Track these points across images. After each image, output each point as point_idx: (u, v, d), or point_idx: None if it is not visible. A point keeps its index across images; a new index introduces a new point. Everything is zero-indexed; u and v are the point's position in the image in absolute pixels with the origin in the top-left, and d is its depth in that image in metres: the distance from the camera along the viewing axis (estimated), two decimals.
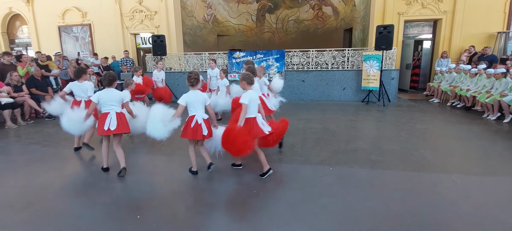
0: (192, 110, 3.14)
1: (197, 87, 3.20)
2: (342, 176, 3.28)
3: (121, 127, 3.29)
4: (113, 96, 3.33)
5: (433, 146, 4.30)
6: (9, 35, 12.89)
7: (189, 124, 3.11)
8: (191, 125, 3.10)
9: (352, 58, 8.38)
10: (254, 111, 3.17)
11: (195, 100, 3.12)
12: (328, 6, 13.03)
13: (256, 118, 3.17)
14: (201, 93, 3.21)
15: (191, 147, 3.28)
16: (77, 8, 11.35)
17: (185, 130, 3.14)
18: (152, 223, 2.41)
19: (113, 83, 3.37)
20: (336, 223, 2.39)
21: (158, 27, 10.81)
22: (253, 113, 3.16)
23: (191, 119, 3.12)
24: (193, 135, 3.10)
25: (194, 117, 3.12)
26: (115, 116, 3.28)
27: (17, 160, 4.11)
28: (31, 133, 5.40)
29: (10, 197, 2.94)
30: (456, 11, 8.93)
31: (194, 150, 3.30)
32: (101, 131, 3.25)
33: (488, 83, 6.42)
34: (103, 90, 3.35)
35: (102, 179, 3.41)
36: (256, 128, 3.13)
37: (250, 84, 3.19)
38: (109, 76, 3.35)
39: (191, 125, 3.10)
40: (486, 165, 3.58)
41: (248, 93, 3.12)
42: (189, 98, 3.11)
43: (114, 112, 3.29)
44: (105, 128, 3.22)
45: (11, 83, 6.22)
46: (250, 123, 3.13)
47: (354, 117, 6.34)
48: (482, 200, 2.71)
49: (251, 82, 3.20)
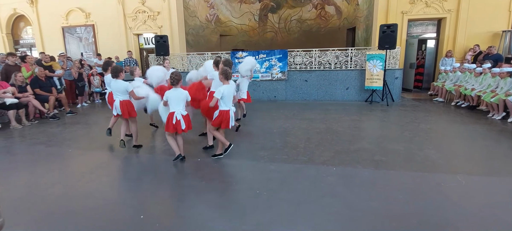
0: (172, 107, 3.52)
1: (178, 85, 3.53)
2: (345, 176, 3.26)
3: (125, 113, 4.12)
4: (119, 87, 4.04)
5: (437, 146, 4.27)
6: (14, 36, 13.00)
7: (171, 119, 3.51)
8: (172, 121, 3.50)
9: (355, 58, 8.34)
10: (228, 104, 3.59)
11: (174, 97, 3.49)
12: (331, 6, 12.98)
13: (229, 110, 3.59)
14: (181, 91, 3.55)
15: (170, 137, 3.69)
16: (81, 8, 11.42)
17: (167, 124, 3.57)
18: (156, 223, 2.42)
19: (119, 75, 4.02)
20: (339, 223, 2.38)
21: (161, 28, 10.84)
22: (227, 106, 3.58)
23: (171, 115, 3.51)
24: (174, 128, 3.54)
25: (174, 114, 3.50)
26: (119, 103, 4.09)
27: (21, 160, 4.14)
28: (35, 133, 5.44)
29: (15, 197, 2.96)
30: (461, 10, 8.86)
31: (173, 139, 3.72)
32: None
33: (493, 82, 6.35)
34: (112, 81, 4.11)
35: (105, 179, 3.42)
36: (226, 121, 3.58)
37: (226, 79, 3.56)
38: (114, 69, 4.04)
39: (172, 121, 3.50)
40: (491, 165, 3.54)
41: (222, 88, 3.48)
42: (170, 95, 3.50)
43: (118, 101, 4.09)
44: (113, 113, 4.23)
45: (16, 83, 6.27)
46: (222, 115, 3.56)
47: (357, 116, 6.31)
48: (487, 200, 2.68)
49: (227, 77, 3.56)
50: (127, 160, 4.05)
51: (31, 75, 6.87)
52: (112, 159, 4.10)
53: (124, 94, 4.08)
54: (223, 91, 3.47)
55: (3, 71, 6.62)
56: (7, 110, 5.84)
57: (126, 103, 4.12)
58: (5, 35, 12.59)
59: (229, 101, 3.58)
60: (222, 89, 3.46)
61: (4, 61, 7.12)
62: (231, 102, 3.63)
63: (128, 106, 4.14)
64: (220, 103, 3.55)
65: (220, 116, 3.58)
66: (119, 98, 4.09)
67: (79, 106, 8.18)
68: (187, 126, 3.59)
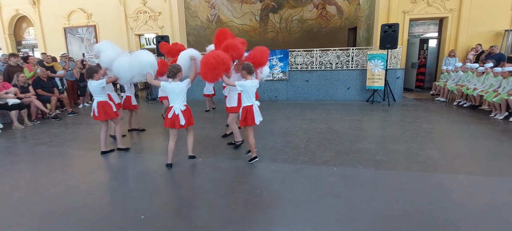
0: (171, 101, 3.39)
1: (177, 79, 3.37)
2: (346, 176, 3.25)
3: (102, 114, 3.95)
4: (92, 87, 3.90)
5: (439, 146, 4.25)
6: (16, 37, 13.07)
7: (168, 114, 3.38)
8: (169, 115, 3.35)
9: (356, 58, 8.32)
10: (251, 99, 3.43)
11: (172, 91, 3.34)
12: (332, 5, 12.96)
13: (253, 105, 3.43)
14: (180, 84, 3.37)
15: (172, 139, 3.51)
16: (82, 9, 11.46)
17: (165, 119, 3.43)
18: (156, 223, 2.42)
19: (94, 76, 3.87)
20: (340, 223, 2.37)
21: (162, 28, 10.87)
22: (250, 101, 3.43)
23: (169, 110, 3.38)
24: (172, 124, 3.37)
25: (173, 108, 3.36)
26: (96, 105, 3.90)
27: (23, 160, 4.16)
28: (37, 133, 5.46)
29: (17, 197, 2.97)
30: (463, 9, 8.83)
31: (174, 144, 3.54)
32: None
33: (496, 82, 6.32)
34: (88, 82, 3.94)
35: (107, 179, 3.43)
36: (250, 116, 3.40)
37: (249, 73, 3.41)
38: (89, 70, 3.91)
39: (169, 115, 3.35)
40: (493, 165, 3.52)
41: (245, 82, 3.36)
42: (168, 87, 3.34)
43: (96, 102, 3.91)
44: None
45: (18, 84, 6.30)
46: (246, 110, 3.40)
47: (358, 116, 6.30)
48: (489, 201, 2.67)
49: (250, 71, 3.42)
50: (128, 160, 4.06)
51: (33, 76, 6.90)
52: (113, 159, 4.10)
53: (101, 95, 3.93)
54: (246, 84, 3.34)
55: (6, 72, 6.66)
56: (9, 110, 5.87)
57: (103, 104, 3.93)
58: (8, 36, 12.65)
59: (252, 96, 3.43)
60: (245, 82, 3.35)
61: (6, 61, 7.16)
62: (254, 97, 3.47)
63: (105, 107, 3.95)
64: (243, 99, 3.44)
65: (244, 112, 3.42)
66: (96, 99, 3.93)
67: (81, 107, 8.21)
68: (187, 121, 3.41)
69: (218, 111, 7.06)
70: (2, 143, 4.91)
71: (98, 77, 3.90)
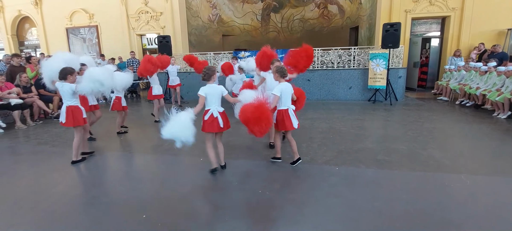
0: (208, 104, 3.22)
1: (212, 81, 3.22)
2: (348, 176, 3.24)
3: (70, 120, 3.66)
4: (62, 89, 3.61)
5: (442, 145, 4.22)
6: (19, 38, 13.15)
7: (204, 117, 3.21)
8: (205, 117, 3.19)
9: (358, 57, 8.30)
10: (287, 103, 3.37)
11: (211, 93, 3.18)
12: (333, 5, 12.94)
13: (288, 109, 3.38)
14: (217, 87, 3.24)
15: (209, 143, 3.31)
16: (84, 9, 11.50)
17: (203, 124, 3.20)
18: (158, 222, 2.42)
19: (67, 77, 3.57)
20: (342, 223, 2.36)
21: (164, 28, 10.89)
22: (286, 105, 3.37)
23: (206, 113, 3.22)
24: (210, 127, 3.19)
25: (210, 110, 3.20)
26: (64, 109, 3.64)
27: (26, 159, 4.18)
28: (40, 133, 5.48)
29: (19, 197, 2.98)
30: (465, 8, 8.77)
31: (212, 147, 3.32)
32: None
33: (499, 81, 6.28)
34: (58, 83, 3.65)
35: (109, 179, 3.44)
36: (287, 119, 3.35)
37: (283, 77, 3.38)
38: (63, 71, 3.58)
39: (205, 118, 3.19)
40: (496, 165, 3.50)
41: (280, 85, 3.32)
42: (207, 91, 3.17)
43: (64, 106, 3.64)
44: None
45: (21, 84, 6.34)
46: (282, 114, 3.36)
47: (360, 116, 6.28)
48: (492, 201, 2.65)
49: (284, 75, 3.38)
50: (129, 159, 4.07)
51: (35, 76, 6.93)
52: (114, 159, 4.12)
53: (71, 99, 3.62)
54: (281, 88, 3.30)
55: (8, 72, 6.70)
56: (12, 110, 5.90)
57: (72, 109, 3.63)
58: (10, 36, 12.73)
59: (287, 100, 3.38)
60: (280, 87, 3.31)
61: (9, 62, 7.20)
62: (289, 101, 3.41)
63: (75, 112, 3.64)
64: (278, 103, 3.37)
65: (279, 116, 3.38)
66: (66, 103, 3.61)
67: None
68: (225, 124, 3.27)
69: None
70: (5, 143, 4.94)
71: (73, 80, 3.60)
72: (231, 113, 3.64)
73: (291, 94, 3.41)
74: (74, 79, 3.63)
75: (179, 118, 2.91)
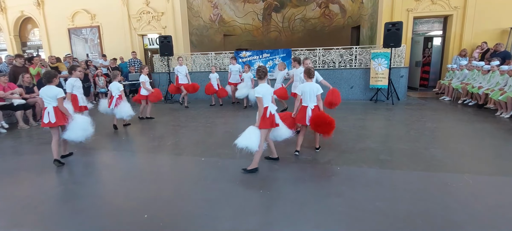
0: (266, 102, 3.29)
1: (265, 80, 3.35)
2: (350, 175, 3.24)
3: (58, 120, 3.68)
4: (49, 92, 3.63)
5: (444, 145, 4.21)
6: (21, 38, 13.21)
7: (265, 114, 3.28)
8: (266, 115, 3.27)
9: (360, 57, 8.27)
10: (308, 101, 3.71)
11: (267, 92, 3.30)
12: (335, 4, 12.90)
13: (307, 106, 3.69)
14: (269, 86, 3.37)
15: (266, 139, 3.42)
16: (86, 10, 11.54)
17: (263, 121, 3.27)
18: (159, 222, 2.43)
19: (52, 80, 3.69)
20: (343, 223, 2.35)
21: (165, 28, 10.90)
22: (306, 103, 3.72)
23: (266, 110, 3.28)
24: (271, 124, 3.32)
25: (268, 108, 3.28)
26: (52, 110, 3.64)
27: (29, 159, 4.20)
28: (42, 133, 5.50)
29: (22, 196, 3.00)
30: (467, 7, 8.72)
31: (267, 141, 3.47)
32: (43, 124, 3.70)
33: (501, 80, 6.25)
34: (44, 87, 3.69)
35: (111, 180, 3.45)
36: (302, 115, 3.70)
37: (309, 77, 3.72)
38: (47, 74, 3.71)
39: (266, 115, 3.27)
40: (499, 164, 3.48)
41: (303, 85, 3.70)
42: (263, 91, 3.27)
43: (51, 107, 3.64)
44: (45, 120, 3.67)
45: (23, 84, 6.37)
46: (303, 111, 3.71)
47: (362, 115, 6.26)
48: (495, 200, 2.63)
49: (310, 75, 3.71)
50: (130, 159, 4.08)
51: (38, 74, 6.97)
52: (116, 159, 4.13)
53: (55, 102, 3.66)
54: (304, 88, 3.68)
55: (11, 73, 6.73)
56: (14, 111, 5.93)
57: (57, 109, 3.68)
58: (13, 37, 12.79)
59: (309, 99, 3.68)
60: (302, 86, 3.70)
61: (11, 62, 7.23)
62: (312, 101, 3.70)
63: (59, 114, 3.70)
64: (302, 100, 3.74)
65: (300, 112, 3.75)
66: (51, 105, 3.64)
67: None
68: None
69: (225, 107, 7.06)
70: (8, 143, 4.97)
71: (57, 83, 3.77)
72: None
73: (315, 94, 3.66)
74: (58, 81, 3.80)
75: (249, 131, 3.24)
